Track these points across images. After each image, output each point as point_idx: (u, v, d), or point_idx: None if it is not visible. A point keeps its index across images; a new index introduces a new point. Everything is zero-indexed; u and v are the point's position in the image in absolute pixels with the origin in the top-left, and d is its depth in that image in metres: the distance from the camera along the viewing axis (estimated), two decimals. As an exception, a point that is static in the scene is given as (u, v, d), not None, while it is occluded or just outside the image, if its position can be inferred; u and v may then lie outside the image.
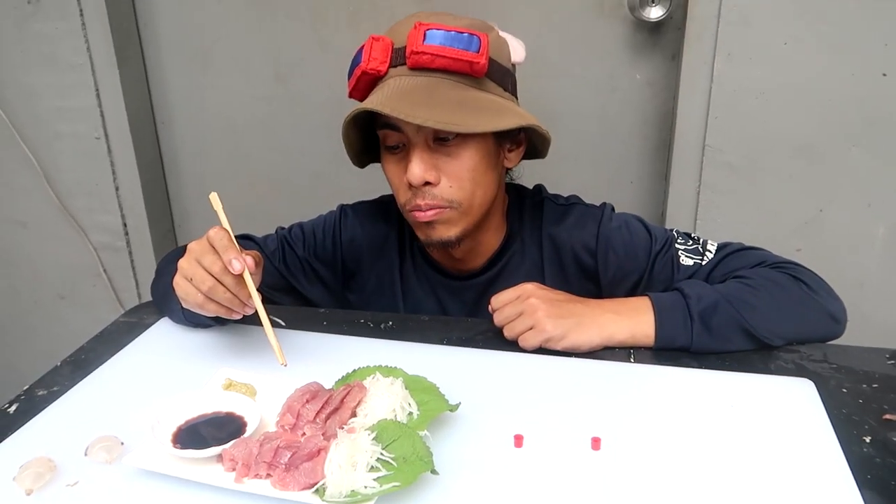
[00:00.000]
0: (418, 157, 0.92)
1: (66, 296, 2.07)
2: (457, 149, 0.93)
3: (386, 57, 0.93)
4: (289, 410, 0.74)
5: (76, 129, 1.84)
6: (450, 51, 0.89)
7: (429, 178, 0.92)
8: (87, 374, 0.89)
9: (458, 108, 0.89)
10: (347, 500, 0.63)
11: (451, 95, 0.90)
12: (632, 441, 0.73)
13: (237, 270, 0.80)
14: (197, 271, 0.82)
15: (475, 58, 0.90)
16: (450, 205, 0.94)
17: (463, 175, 0.94)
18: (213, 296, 0.82)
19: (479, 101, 0.92)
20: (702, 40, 1.39)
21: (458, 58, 0.90)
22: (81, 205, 1.93)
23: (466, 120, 0.89)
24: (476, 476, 0.68)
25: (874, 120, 1.38)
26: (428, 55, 0.89)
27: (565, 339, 0.89)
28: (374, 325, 1.00)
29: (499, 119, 0.92)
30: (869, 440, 0.73)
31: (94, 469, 0.71)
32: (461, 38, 0.90)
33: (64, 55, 1.76)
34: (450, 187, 0.94)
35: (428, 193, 0.93)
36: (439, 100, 0.89)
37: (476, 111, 0.90)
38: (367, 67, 0.93)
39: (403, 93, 0.89)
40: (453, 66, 0.90)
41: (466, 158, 0.93)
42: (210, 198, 0.87)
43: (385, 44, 0.93)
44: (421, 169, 0.91)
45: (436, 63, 0.90)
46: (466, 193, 0.95)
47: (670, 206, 1.53)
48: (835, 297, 0.95)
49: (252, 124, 1.85)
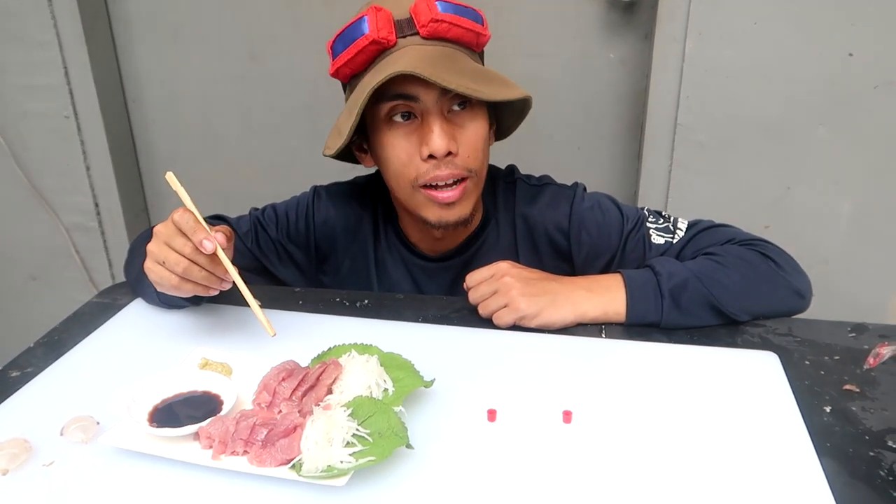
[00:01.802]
0: (440, 126, 0.90)
1: (39, 276, 2.05)
2: (469, 119, 0.93)
3: (391, 28, 0.90)
4: (265, 388, 0.75)
5: (45, 108, 1.81)
6: (464, 21, 0.90)
7: (451, 148, 0.91)
8: (60, 356, 0.88)
9: (478, 77, 0.90)
10: (323, 475, 0.64)
11: (468, 65, 0.91)
12: (602, 414, 0.75)
13: (209, 250, 0.80)
14: (169, 255, 0.82)
15: (482, 30, 0.93)
16: (468, 174, 0.94)
17: (477, 144, 0.94)
18: (188, 276, 0.82)
19: (488, 73, 0.93)
20: (674, 19, 1.41)
21: (471, 28, 0.91)
22: (52, 185, 1.91)
23: (488, 89, 0.89)
24: (450, 450, 0.70)
25: (840, 99, 1.41)
26: (446, 23, 0.89)
27: (539, 316, 0.90)
28: (350, 304, 1.00)
29: (509, 90, 0.92)
30: (829, 410, 0.76)
31: (69, 449, 0.71)
32: (467, 11, 0.92)
33: (30, 32, 1.72)
34: (467, 157, 0.93)
35: (450, 163, 0.92)
36: (461, 68, 0.89)
37: (489, 81, 0.91)
38: (378, 36, 0.89)
39: (430, 59, 0.88)
40: (465, 36, 0.92)
41: (478, 128, 0.94)
42: (167, 178, 0.85)
43: (387, 14, 0.90)
44: (445, 140, 0.90)
45: (451, 32, 0.90)
46: (479, 162, 0.95)
47: (642, 185, 1.55)
48: (801, 273, 0.97)
49: (225, 103, 1.83)
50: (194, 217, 0.82)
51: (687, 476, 0.66)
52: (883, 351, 0.84)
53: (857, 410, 0.76)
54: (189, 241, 0.81)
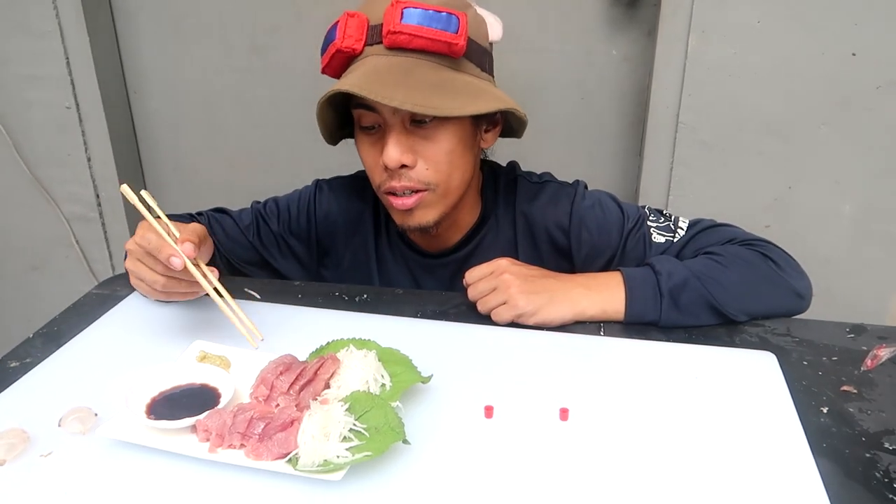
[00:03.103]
0: (395, 139, 0.90)
1: (39, 267, 2.05)
2: (434, 131, 0.92)
3: (361, 34, 0.90)
4: (262, 382, 0.75)
5: (46, 98, 1.81)
6: (427, 31, 0.87)
7: (405, 161, 0.91)
8: (60, 346, 0.89)
9: (436, 91, 0.88)
10: (320, 469, 0.64)
11: (429, 77, 0.89)
12: (599, 412, 0.75)
13: (178, 267, 0.79)
14: (145, 273, 0.84)
15: (453, 38, 0.88)
16: (427, 187, 0.93)
17: (440, 158, 0.93)
18: (169, 290, 0.84)
19: (457, 84, 0.91)
20: (677, 17, 1.40)
21: (437, 38, 0.87)
22: (53, 175, 1.91)
23: (444, 103, 0.87)
24: (447, 446, 0.70)
25: (843, 99, 1.40)
26: (405, 35, 0.87)
27: (537, 314, 0.90)
28: (349, 299, 1.00)
29: (476, 102, 0.90)
30: (826, 410, 0.76)
31: (67, 440, 0.71)
32: (439, 18, 0.87)
33: (32, 22, 1.72)
34: (426, 170, 0.93)
35: (404, 175, 0.92)
36: (416, 81, 0.87)
37: (453, 93, 0.89)
38: (342, 45, 0.90)
39: (380, 73, 0.87)
40: (431, 46, 0.88)
41: (444, 141, 0.92)
42: (122, 191, 0.84)
43: (360, 20, 0.90)
44: (397, 152, 0.90)
45: (413, 43, 0.88)
46: (443, 176, 0.94)
47: (643, 182, 1.55)
48: (801, 274, 0.97)
49: (227, 95, 1.83)
50: (156, 234, 0.82)
51: (682, 474, 0.66)
52: (881, 353, 0.84)
53: (855, 412, 0.76)
54: (159, 261, 0.81)
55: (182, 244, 0.81)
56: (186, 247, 0.81)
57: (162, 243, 0.81)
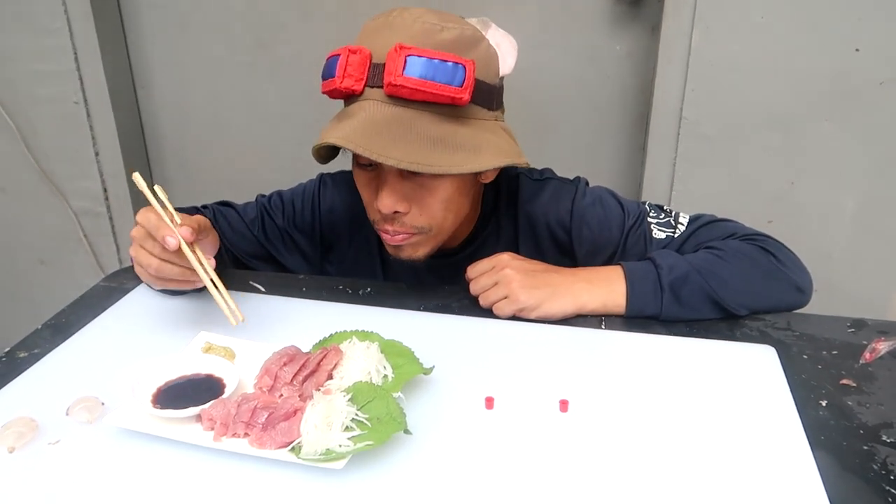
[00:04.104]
0: (390, 188, 0.89)
1: (47, 260, 2.07)
2: (430, 181, 0.90)
3: (362, 74, 0.86)
4: (266, 373, 0.76)
5: (54, 94, 1.82)
6: (431, 85, 0.83)
7: (399, 209, 0.90)
8: (67, 338, 0.90)
9: (436, 146, 0.85)
10: (322, 458, 0.65)
11: (429, 130, 0.86)
12: (599, 404, 0.75)
13: (172, 247, 0.80)
14: (142, 257, 0.84)
15: (458, 93, 0.84)
16: (419, 231, 0.93)
17: (435, 206, 0.92)
18: (162, 275, 0.84)
19: (458, 137, 0.87)
20: (680, 13, 1.40)
21: (440, 93, 0.84)
22: (61, 170, 1.92)
23: (443, 159, 0.85)
24: (448, 436, 0.71)
25: (846, 94, 1.40)
26: (407, 88, 0.83)
27: (538, 308, 0.91)
28: (353, 292, 1.01)
29: (478, 158, 0.88)
30: (825, 404, 0.76)
31: (75, 428, 0.72)
32: (445, 70, 0.83)
33: (41, 18, 1.73)
34: (420, 216, 0.92)
35: (397, 221, 0.92)
36: (415, 136, 0.85)
37: (453, 148, 0.86)
38: (341, 86, 0.86)
39: (377, 125, 0.84)
40: (434, 99, 0.85)
41: (440, 191, 0.91)
42: (133, 178, 0.86)
43: (363, 57, 0.86)
44: (392, 200, 0.89)
45: (415, 96, 0.84)
46: (437, 221, 0.93)
47: (647, 178, 1.55)
48: (802, 269, 0.97)
49: (234, 90, 1.84)
50: (157, 215, 0.83)
51: (681, 466, 0.67)
52: (879, 346, 0.84)
53: (853, 405, 0.76)
54: (157, 243, 0.82)
55: (180, 227, 0.82)
56: (184, 230, 0.81)
57: (160, 223, 0.81)
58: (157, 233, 0.81)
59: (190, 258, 0.83)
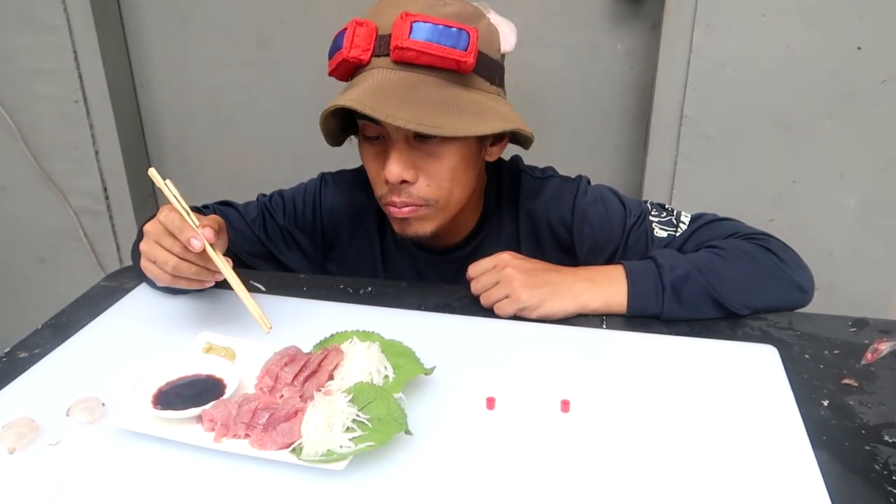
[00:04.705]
0: (397, 155, 0.90)
1: (47, 259, 2.07)
2: (437, 148, 0.91)
3: (369, 44, 0.89)
4: (267, 373, 0.76)
5: (54, 92, 1.82)
6: (436, 48, 0.85)
7: (407, 177, 0.90)
8: (68, 337, 0.90)
9: (442, 109, 0.87)
10: (323, 459, 0.65)
11: (435, 94, 0.87)
12: (600, 404, 0.75)
13: (198, 249, 0.80)
14: (158, 253, 0.83)
15: (462, 56, 0.87)
16: (426, 203, 0.93)
17: (442, 175, 0.92)
18: (179, 274, 0.83)
19: (463, 102, 0.89)
20: (681, 11, 1.40)
21: (445, 55, 0.86)
22: (61, 168, 1.92)
23: (449, 122, 0.86)
24: (449, 436, 0.71)
25: (847, 92, 1.40)
26: (413, 51, 0.86)
27: (540, 308, 0.91)
28: (354, 291, 1.01)
29: (483, 122, 0.89)
30: (827, 403, 0.76)
31: (75, 429, 0.72)
32: (449, 34, 0.86)
33: (41, 16, 1.73)
34: (427, 186, 0.92)
35: (404, 191, 0.92)
36: (422, 99, 0.86)
37: (459, 112, 0.88)
38: (349, 55, 0.89)
39: (385, 89, 0.86)
40: (439, 63, 0.87)
41: (447, 158, 0.92)
42: (149, 174, 0.86)
43: (369, 29, 0.89)
44: (399, 167, 0.89)
45: (421, 60, 0.86)
46: (444, 192, 0.94)
47: (648, 176, 1.55)
48: (803, 268, 0.97)
49: (234, 89, 1.84)
50: (180, 215, 0.83)
51: (682, 466, 0.67)
52: (881, 347, 0.84)
53: (855, 405, 0.76)
54: (177, 241, 0.82)
55: (202, 229, 0.82)
56: (206, 232, 0.81)
57: (184, 224, 0.81)
58: (181, 234, 0.81)
59: (215, 259, 0.82)
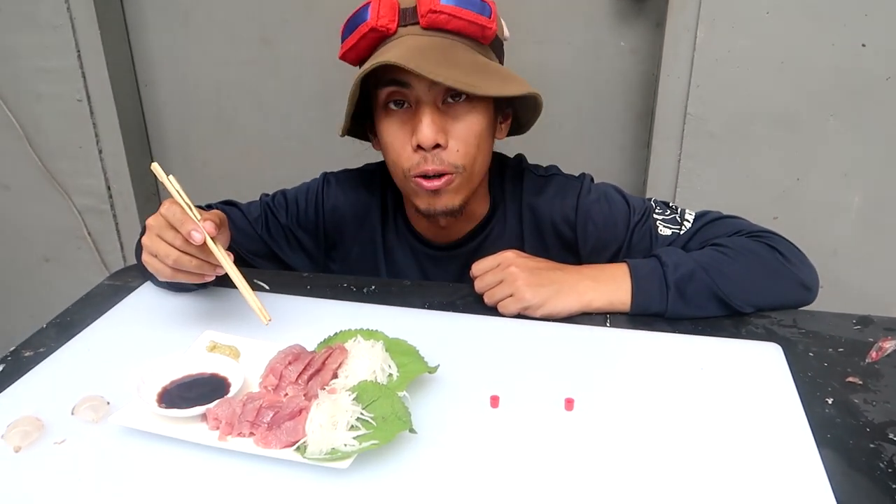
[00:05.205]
0: (429, 118, 0.90)
1: (51, 258, 2.07)
2: (465, 112, 0.93)
3: (394, 15, 0.91)
4: (271, 372, 0.76)
5: (58, 91, 1.82)
6: (466, 13, 0.90)
7: (439, 140, 0.91)
8: (72, 336, 0.90)
9: (474, 71, 0.89)
10: (327, 457, 0.65)
11: (466, 58, 0.91)
12: (604, 403, 0.75)
13: (199, 241, 0.81)
14: (160, 247, 0.83)
15: (488, 23, 0.91)
16: (456, 170, 0.93)
17: (470, 139, 0.93)
18: (180, 267, 0.83)
19: (489, 67, 0.93)
20: (685, 8, 1.40)
21: (474, 21, 0.90)
22: (65, 167, 1.92)
23: (482, 83, 0.89)
24: (453, 435, 0.71)
25: (852, 91, 1.40)
26: (445, 15, 0.89)
27: (544, 306, 0.91)
28: (357, 290, 1.01)
29: (509, 85, 0.92)
30: (831, 401, 0.76)
31: (80, 428, 0.72)
32: (474, 3, 0.90)
33: (44, 15, 1.73)
34: (457, 151, 0.93)
35: (437, 158, 0.92)
36: (456, 60, 0.89)
37: (488, 76, 0.91)
38: (377, 24, 0.90)
39: (422, 50, 0.88)
40: (467, 28, 0.91)
41: (474, 122, 0.93)
42: (152, 168, 0.87)
43: (392, 2, 0.91)
44: (432, 130, 0.90)
45: (451, 24, 0.90)
46: (470, 158, 0.94)
47: (651, 174, 1.55)
48: (808, 266, 0.97)
49: (237, 87, 1.84)
50: (181, 209, 0.83)
51: (686, 464, 0.67)
52: (886, 345, 0.84)
53: (860, 403, 0.76)
54: (179, 234, 0.82)
55: (203, 222, 0.82)
56: (207, 225, 0.82)
57: (185, 217, 0.82)
58: (182, 227, 0.81)
59: (216, 252, 0.83)
